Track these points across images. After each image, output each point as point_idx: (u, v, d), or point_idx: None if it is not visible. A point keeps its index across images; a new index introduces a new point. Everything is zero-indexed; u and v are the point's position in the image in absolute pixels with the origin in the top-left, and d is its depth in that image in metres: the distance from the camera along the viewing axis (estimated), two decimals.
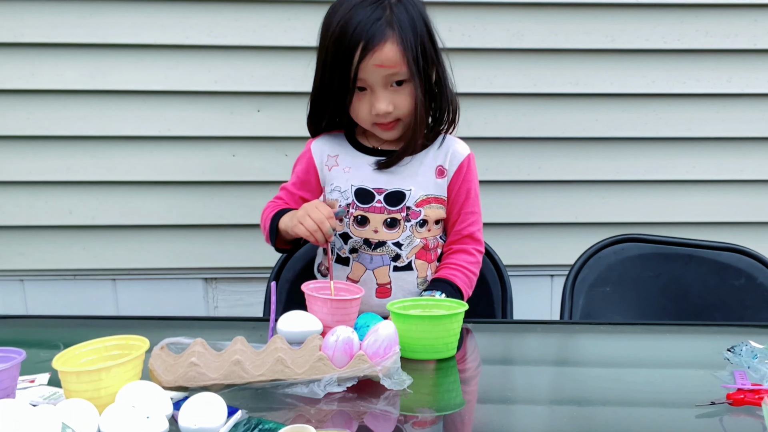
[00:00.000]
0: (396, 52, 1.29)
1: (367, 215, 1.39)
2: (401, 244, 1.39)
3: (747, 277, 1.62)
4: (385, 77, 1.32)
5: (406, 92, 1.34)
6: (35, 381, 1.00)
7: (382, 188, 1.39)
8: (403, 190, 1.39)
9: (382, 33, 1.28)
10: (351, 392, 0.96)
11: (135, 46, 1.91)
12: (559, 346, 1.29)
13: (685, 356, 1.22)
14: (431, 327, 1.12)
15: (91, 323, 1.44)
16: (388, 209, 1.39)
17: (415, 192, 1.39)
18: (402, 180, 1.40)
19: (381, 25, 1.28)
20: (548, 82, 2.00)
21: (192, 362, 0.94)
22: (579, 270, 1.66)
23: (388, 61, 1.29)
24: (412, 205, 1.39)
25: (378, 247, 1.39)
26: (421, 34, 1.32)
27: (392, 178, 1.40)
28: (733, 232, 2.08)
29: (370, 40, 1.28)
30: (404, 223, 1.39)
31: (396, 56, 1.29)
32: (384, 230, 1.39)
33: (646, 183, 2.07)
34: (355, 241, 1.40)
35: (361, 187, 1.40)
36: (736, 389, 0.95)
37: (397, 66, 1.30)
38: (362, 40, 1.28)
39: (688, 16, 1.97)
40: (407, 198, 1.39)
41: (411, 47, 1.30)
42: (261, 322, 1.36)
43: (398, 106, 1.34)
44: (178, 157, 1.98)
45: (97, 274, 2.07)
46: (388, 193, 1.39)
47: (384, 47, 1.28)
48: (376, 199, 1.39)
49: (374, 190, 1.40)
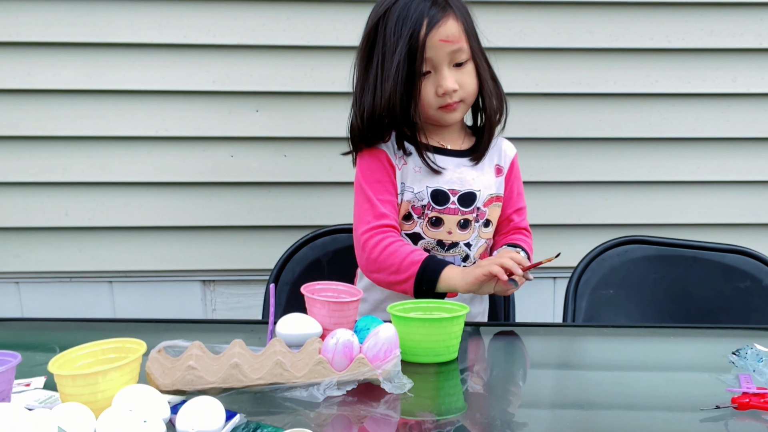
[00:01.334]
0: (458, 27, 1.35)
1: (442, 216, 1.41)
2: (471, 244, 1.44)
3: (752, 280, 1.62)
4: (450, 54, 1.36)
5: (470, 71, 1.39)
6: (31, 384, 1.00)
7: (456, 189, 1.42)
8: (474, 191, 1.42)
9: (444, 10, 1.35)
10: (351, 396, 0.96)
11: (132, 45, 1.91)
12: (562, 349, 1.28)
13: (690, 359, 1.22)
14: (432, 330, 1.11)
15: (87, 326, 1.44)
16: (462, 210, 1.42)
17: (484, 192, 1.44)
18: (472, 181, 1.43)
19: (440, 4, 1.35)
20: (551, 82, 2.00)
21: (190, 365, 0.94)
22: (582, 272, 1.66)
23: (453, 36, 1.35)
24: (481, 205, 1.43)
25: (451, 248, 1.43)
26: (473, 22, 1.41)
27: (463, 179, 1.43)
28: (738, 233, 2.09)
29: (434, 16, 1.34)
30: (474, 224, 1.43)
31: (459, 31, 1.36)
32: (457, 231, 1.42)
33: (650, 184, 2.07)
34: (427, 242, 1.43)
35: (437, 189, 1.41)
36: (741, 393, 0.95)
37: (460, 41, 1.36)
38: (426, 17, 1.33)
39: (692, 15, 1.98)
40: (477, 199, 1.43)
41: (469, 27, 1.38)
42: (260, 325, 1.36)
43: (463, 85, 1.39)
44: (176, 158, 1.98)
45: (94, 276, 2.07)
46: (461, 194, 1.42)
47: (447, 22, 1.34)
48: (450, 200, 1.41)
49: (449, 192, 1.42)
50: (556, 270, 2.11)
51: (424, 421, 0.90)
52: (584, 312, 1.63)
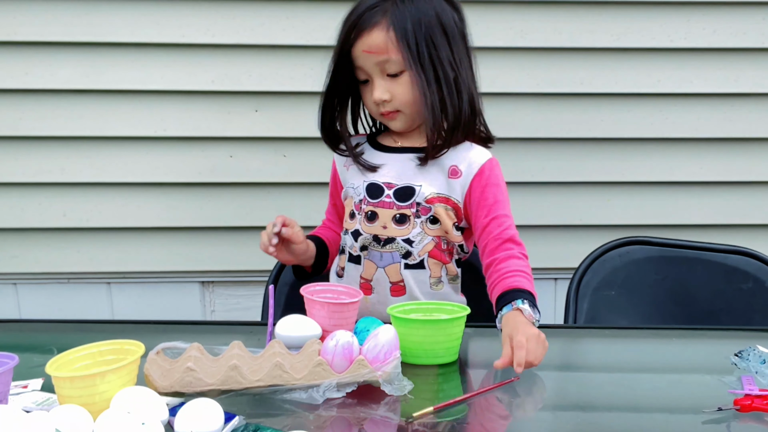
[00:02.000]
0: (384, 38, 1.32)
1: (376, 210, 1.40)
2: (412, 241, 1.39)
3: (755, 281, 1.62)
4: (378, 64, 1.34)
5: (405, 82, 1.35)
6: (28, 386, 1.00)
7: (393, 183, 1.40)
8: (413, 185, 1.39)
9: (372, 19, 1.33)
10: (350, 398, 0.96)
11: (130, 45, 1.92)
12: (563, 350, 1.29)
13: (692, 361, 1.22)
14: (433, 331, 1.12)
15: (85, 327, 1.44)
16: (398, 204, 1.39)
17: (425, 189, 1.39)
18: (413, 176, 1.40)
19: (375, 12, 1.33)
20: (552, 82, 2.00)
21: (188, 367, 0.94)
22: (583, 273, 1.66)
23: (376, 47, 1.33)
24: (422, 201, 1.39)
25: (387, 244, 1.39)
26: (429, 28, 1.34)
27: (403, 174, 1.41)
28: (741, 234, 2.08)
29: (359, 24, 1.33)
30: (414, 219, 1.39)
31: (384, 42, 1.32)
32: (393, 226, 1.39)
33: (652, 184, 2.07)
34: (365, 237, 1.41)
35: (373, 183, 1.41)
36: (743, 395, 0.95)
37: (387, 53, 1.33)
38: (355, 26, 1.34)
39: (695, 14, 1.98)
40: (417, 194, 1.39)
41: (408, 36, 1.32)
42: (259, 327, 1.36)
43: (396, 95, 1.36)
44: (175, 158, 1.98)
45: (92, 277, 2.07)
46: (397, 188, 1.40)
47: (373, 32, 1.32)
48: (385, 194, 1.40)
49: (384, 185, 1.40)
50: (558, 271, 2.11)
51: (425, 424, 0.90)
52: (585, 313, 1.63)
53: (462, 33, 1.39)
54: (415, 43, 1.32)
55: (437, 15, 1.35)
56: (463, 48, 1.39)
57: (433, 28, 1.34)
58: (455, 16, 1.39)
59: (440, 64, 1.34)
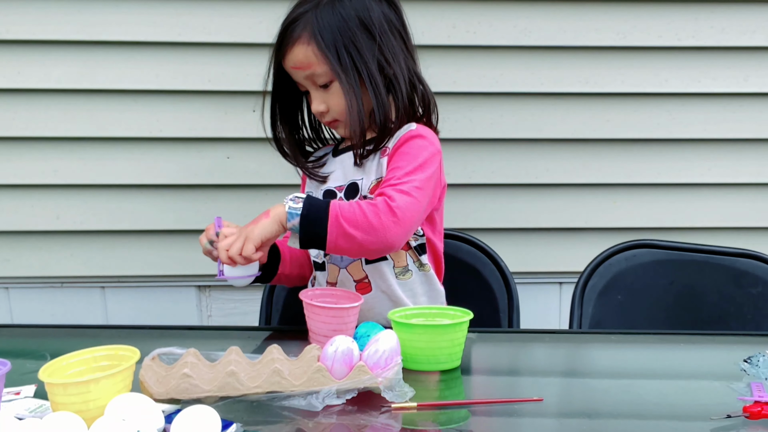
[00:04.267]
0: (305, 52, 1.36)
1: None
2: None
3: (764, 285, 1.62)
4: (307, 78, 1.39)
5: (336, 91, 1.38)
6: (21, 393, 1.00)
7: (341, 185, 1.44)
8: (356, 180, 1.42)
9: (293, 34, 1.37)
10: (350, 405, 0.96)
11: (125, 44, 1.92)
12: (568, 356, 1.29)
13: (700, 367, 1.22)
14: (434, 336, 1.12)
15: (79, 333, 1.44)
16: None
17: (365, 180, 1.41)
18: (355, 172, 1.43)
19: (296, 26, 1.36)
20: (556, 81, 2.00)
21: (185, 373, 0.95)
22: (589, 277, 1.66)
23: (300, 63, 1.37)
24: (366, 193, 1.40)
25: None
26: (350, 32, 1.36)
27: (348, 172, 1.44)
28: (750, 237, 2.09)
29: (284, 41, 1.39)
30: None
31: (306, 57, 1.36)
32: None
33: (659, 186, 2.08)
34: None
35: (327, 189, 1.45)
36: (753, 402, 0.95)
37: (311, 66, 1.36)
38: (280, 43, 1.39)
39: (703, 12, 1.98)
40: (361, 188, 1.41)
41: (329, 46, 1.35)
42: (257, 332, 1.36)
43: (331, 106, 1.40)
44: (170, 159, 1.99)
45: (86, 281, 2.07)
46: (345, 188, 1.43)
47: (294, 48, 1.37)
48: (338, 197, 1.43)
49: (336, 189, 1.44)
50: (563, 275, 2.11)
51: (426, 431, 0.90)
52: (590, 318, 1.63)
53: (392, 25, 1.40)
54: (335, 52, 1.35)
55: (358, 16, 1.36)
56: (398, 40, 1.40)
57: (354, 31, 1.36)
58: (383, 9, 1.39)
59: (365, 67, 1.36)
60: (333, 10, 1.35)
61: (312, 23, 1.35)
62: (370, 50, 1.36)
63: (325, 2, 1.36)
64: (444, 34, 1.79)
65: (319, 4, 1.36)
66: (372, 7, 1.37)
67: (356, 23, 1.36)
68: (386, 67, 1.38)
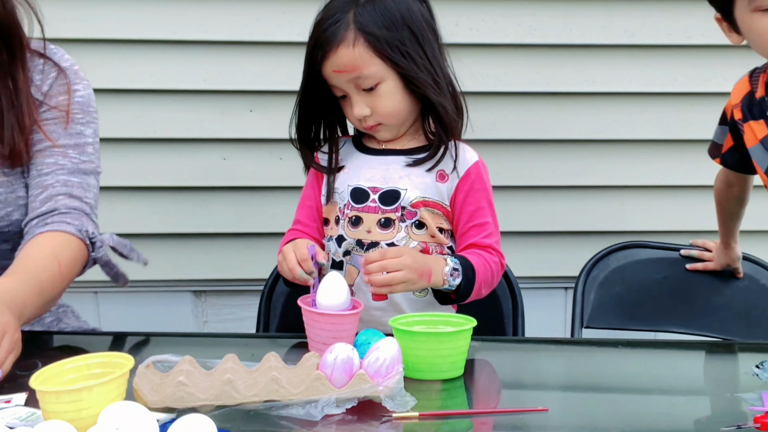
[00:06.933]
0: (352, 55, 1.32)
1: (360, 215, 1.41)
2: (396, 245, 1.40)
3: (750, 279, 1.78)
4: (351, 81, 1.35)
5: (384, 93, 1.36)
6: (12, 401, 1.00)
7: (378, 187, 1.41)
8: (398, 189, 1.40)
9: (336, 35, 1.33)
10: (350, 414, 0.96)
11: (118, 41, 1.92)
12: (574, 365, 1.29)
13: (709, 376, 1.22)
14: (437, 345, 1.12)
15: (71, 339, 1.44)
16: (383, 209, 1.40)
17: (411, 192, 1.40)
18: (398, 180, 1.41)
19: (339, 26, 1.33)
20: (563, 80, 2.00)
21: (180, 381, 0.95)
22: (590, 270, 1.81)
23: (345, 66, 1.33)
24: (407, 205, 1.39)
25: (370, 248, 1.40)
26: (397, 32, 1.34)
27: (389, 177, 1.42)
28: (751, 238, 2.08)
29: (324, 43, 1.34)
30: (399, 223, 1.40)
31: (352, 60, 1.33)
32: (377, 230, 1.40)
33: (668, 189, 2.08)
34: (348, 242, 1.41)
35: (357, 187, 1.43)
36: (764, 412, 0.95)
37: (357, 69, 1.33)
38: (319, 45, 1.35)
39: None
40: (402, 197, 1.40)
41: (377, 47, 1.33)
42: (253, 339, 1.36)
43: (376, 109, 1.37)
44: (165, 161, 1.99)
45: (78, 286, 2.06)
46: (383, 192, 1.41)
47: (339, 51, 1.33)
48: (370, 198, 1.41)
49: (369, 189, 1.42)
50: (568, 280, 2.11)
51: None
52: (591, 304, 1.79)
53: (432, 28, 1.40)
54: (385, 53, 1.33)
55: (403, 16, 1.35)
56: (436, 44, 1.40)
57: (400, 30, 1.34)
58: (423, 10, 1.39)
59: (414, 67, 1.35)
60: (374, 8, 1.33)
61: (356, 22, 1.32)
62: (415, 50, 1.36)
63: (364, 1, 1.34)
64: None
65: (358, 3, 1.34)
66: (410, 5, 1.37)
67: (401, 22, 1.35)
68: (430, 68, 1.38)
